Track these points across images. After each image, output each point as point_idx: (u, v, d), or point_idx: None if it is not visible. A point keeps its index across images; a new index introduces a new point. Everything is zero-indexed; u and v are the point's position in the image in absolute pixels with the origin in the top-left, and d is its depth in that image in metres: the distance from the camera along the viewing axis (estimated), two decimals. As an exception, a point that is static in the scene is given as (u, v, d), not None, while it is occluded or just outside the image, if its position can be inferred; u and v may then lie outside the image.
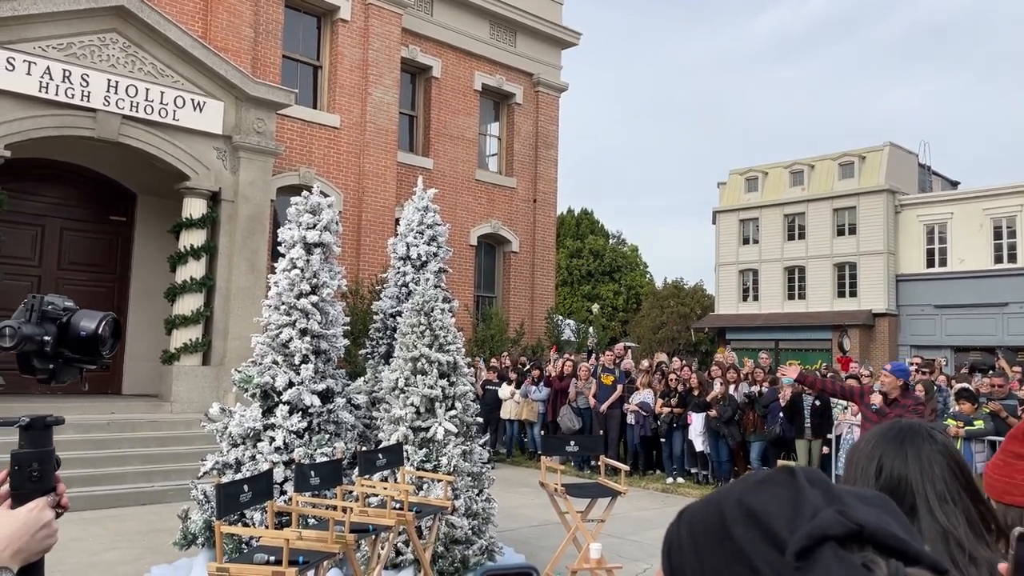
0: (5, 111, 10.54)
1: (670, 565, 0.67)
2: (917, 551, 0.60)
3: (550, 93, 20.99)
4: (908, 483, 1.23)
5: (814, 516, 0.60)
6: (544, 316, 20.12)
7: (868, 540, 0.59)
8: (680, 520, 0.69)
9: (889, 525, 0.61)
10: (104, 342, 1.37)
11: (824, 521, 0.60)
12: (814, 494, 0.63)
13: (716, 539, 0.63)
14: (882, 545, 0.60)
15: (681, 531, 0.67)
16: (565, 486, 6.78)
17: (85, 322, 1.37)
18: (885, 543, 0.60)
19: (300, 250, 6.96)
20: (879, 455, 1.27)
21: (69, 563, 6.79)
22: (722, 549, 0.63)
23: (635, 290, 43.66)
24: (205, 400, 11.41)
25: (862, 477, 1.25)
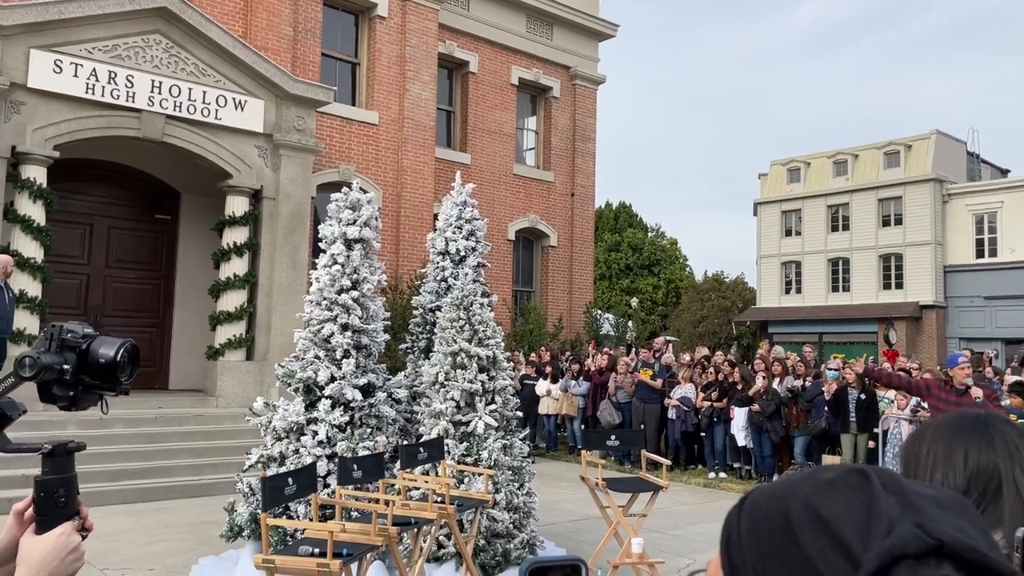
0: (53, 113, 10.80)
1: (729, 559, 0.65)
2: (997, 564, 0.57)
3: (587, 86, 20.88)
4: (996, 468, 1.20)
5: (889, 527, 0.57)
6: (583, 310, 20.05)
7: (947, 556, 0.56)
8: (741, 511, 0.66)
9: (969, 536, 0.57)
10: (123, 369, 1.40)
11: (901, 539, 0.56)
12: (889, 501, 0.59)
13: (780, 542, 0.61)
14: (961, 560, 0.57)
15: (742, 524, 0.65)
16: (606, 480, 6.75)
17: (104, 349, 1.39)
18: (964, 557, 0.57)
19: (341, 246, 7.02)
20: (963, 444, 1.23)
21: (121, 554, 6.95)
22: (787, 553, 0.60)
23: (674, 284, 43.31)
24: (249, 395, 11.59)
25: (944, 467, 1.21)
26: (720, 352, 15.27)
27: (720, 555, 0.67)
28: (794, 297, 36.61)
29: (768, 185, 38.50)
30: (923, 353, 29.19)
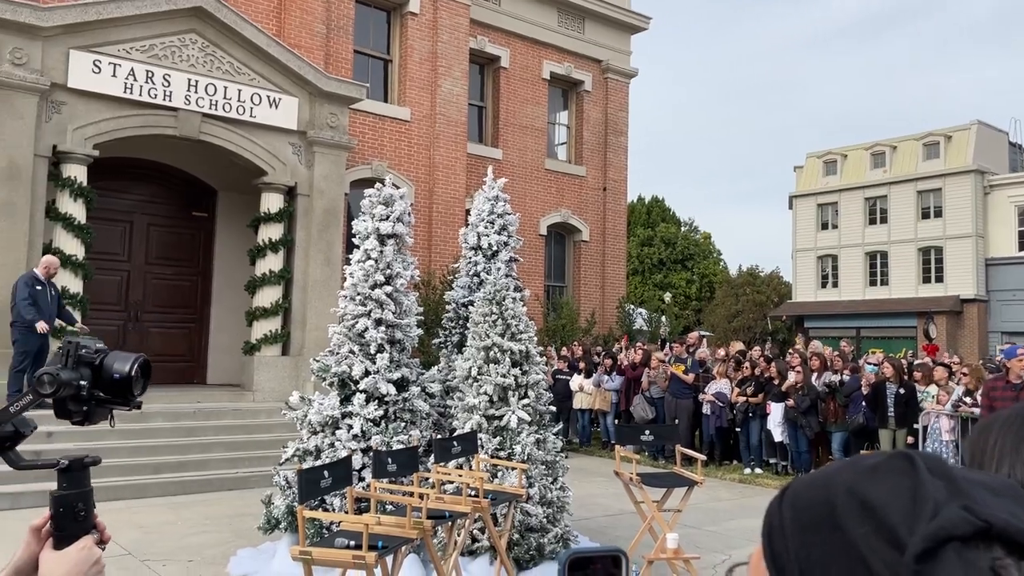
0: (92, 112, 10.99)
1: (771, 549, 0.63)
2: None
3: (619, 79, 20.75)
4: None
5: (935, 511, 0.55)
6: (615, 305, 19.96)
7: (997, 538, 0.54)
8: (783, 501, 0.65)
9: (1021, 520, 0.56)
10: (136, 383, 1.40)
11: (948, 521, 0.54)
12: (935, 485, 0.57)
13: (824, 529, 0.59)
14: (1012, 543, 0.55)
15: (784, 514, 0.63)
16: (640, 475, 6.72)
17: (118, 364, 1.39)
18: (1015, 540, 0.55)
19: (374, 241, 7.06)
20: None
21: (161, 545, 7.07)
22: (831, 541, 0.58)
23: (708, 278, 42.95)
24: (285, 389, 11.72)
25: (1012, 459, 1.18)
26: (757, 347, 15.10)
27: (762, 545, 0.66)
28: (831, 291, 36.10)
29: (804, 178, 38.00)
30: (964, 348, 28.62)
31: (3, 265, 10.19)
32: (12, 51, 10.36)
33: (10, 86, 10.33)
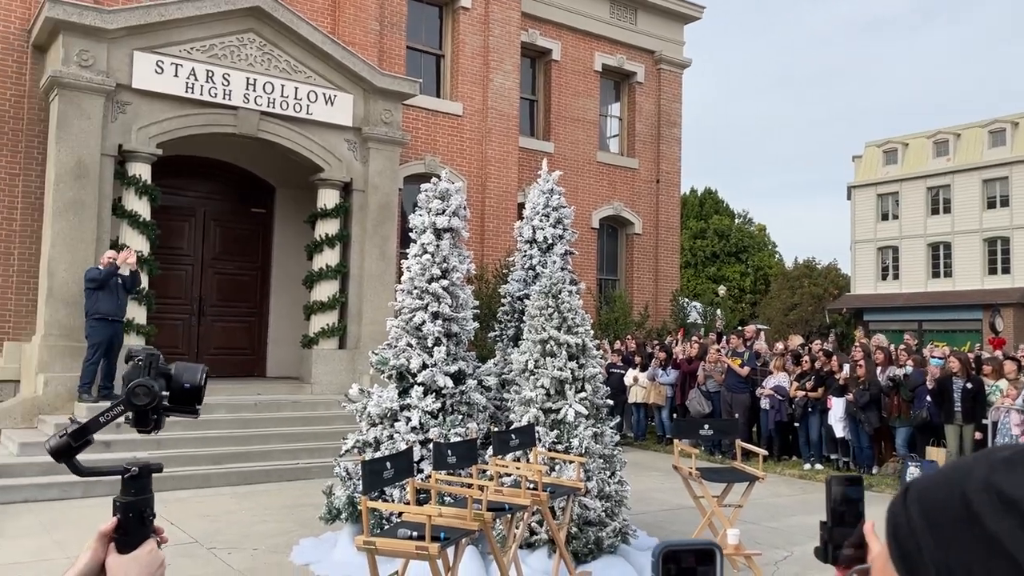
0: (156, 112, 11.28)
1: (900, 550, 0.61)
2: None
3: (672, 70, 20.50)
4: None
5: None
6: (669, 298, 19.77)
7: None
8: (907, 500, 0.63)
9: None
10: (203, 392, 1.45)
11: None
12: None
13: (961, 526, 0.57)
14: None
15: (911, 513, 0.61)
16: (699, 470, 6.65)
17: (188, 375, 1.45)
18: None
19: (430, 235, 7.11)
20: None
21: (227, 533, 7.24)
22: (970, 538, 0.56)
23: (763, 271, 42.25)
24: (342, 382, 11.90)
25: None
26: (816, 340, 14.79)
27: (888, 547, 0.64)
28: (891, 283, 35.21)
29: (863, 167, 37.09)
30: (1033, 341, 27.62)
31: (73, 262, 10.54)
32: (79, 53, 10.69)
33: (78, 87, 10.66)
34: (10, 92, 11.57)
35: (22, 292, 11.48)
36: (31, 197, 11.55)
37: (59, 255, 10.52)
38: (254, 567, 6.27)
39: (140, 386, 1.40)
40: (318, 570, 6.21)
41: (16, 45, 11.65)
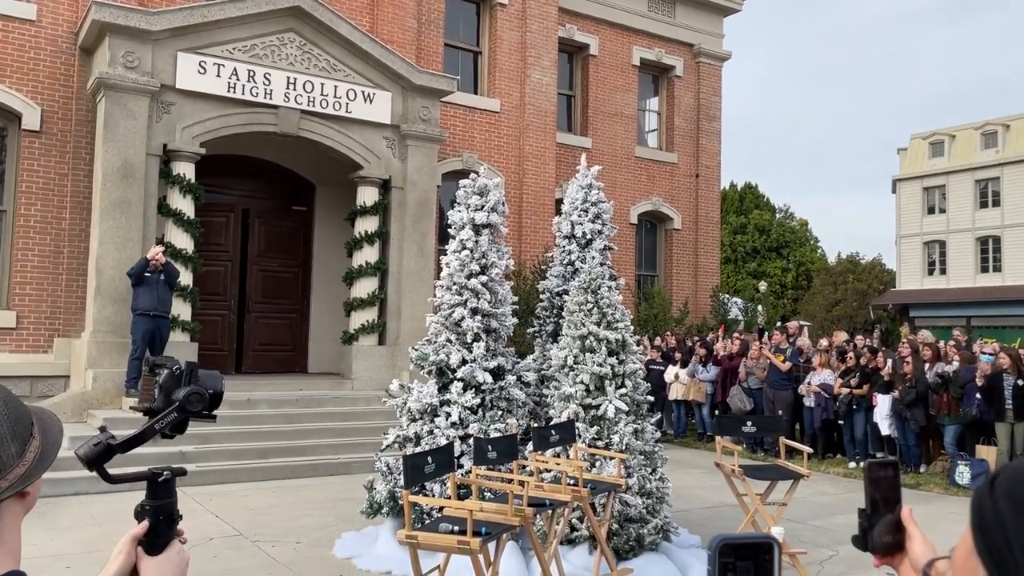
0: (199, 111, 11.46)
1: (987, 542, 0.58)
2: None
3: (712, 63, 20.27)
4: None
5: None
6: (709, 294, 19.57)
7: None
8: (993, 492, 0.59)
9: None
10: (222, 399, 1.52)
11: None
12: None
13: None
14: None
15: (999, 506, 0.58)
16: (742, 467, 6.56)
17: (212, 382, 1.50)
18: None
19: (469, 231, 7.11)
20: None
21: (271, 527, 7.34)
22: None
23: (805, 266, 41.61)
24: (382, 378, 11.98)
25: None
26: (860, 336, 14.52)
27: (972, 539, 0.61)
28: (938, 279, 34.44)
29: (908, 160, 36.32)
30: (1088, 338, 26.79)
31: (120, 260, 10.75)
32: (125, 55, 10.90)
33: (124, 88, 10.87)
34: (59, 94, 11.85)
35: (71, 290, 11.75)
36: (79, 196, 11.81)
37: (106, 253, 10.74)
38: (297, 560, 6.34)
39: (195, 393, 1.47)
40: (360, 564, 6.26)
41: (64, 48, 11.93)
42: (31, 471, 1.19)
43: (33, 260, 11.63)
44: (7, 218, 11.62)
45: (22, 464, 1.18)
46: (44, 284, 11.68)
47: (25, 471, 1.18)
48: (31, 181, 11.66)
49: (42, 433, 1.24)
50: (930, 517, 7.88)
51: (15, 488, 1.16)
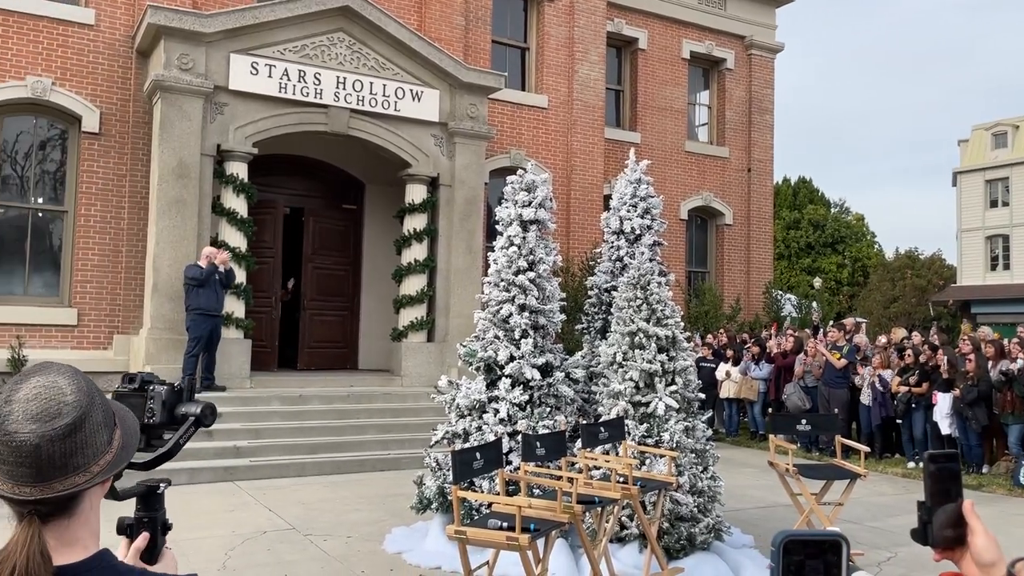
0: (251, 112, 11.65)
1: None
2: None
3: (764, 55, 19.90)
4: None
5: None
6: (762, 291, 19.23)
7: None
8: None
9: None
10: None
11: None
12: None
13: None
14: None
15: None
16: (797, 466, 6.42)
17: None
18: None
19: (517, 227, 7.08)
20: None
21: (321, 521, 7.43)
22: None
23: (861, 262, 40.63)
24: (431, 374, 12.04)
25: None
26: (917, 334, 14.11)
27: None
28: (1001, 274, 33.33)
29: (969, 152, 35.21)
30: None
31: (176, 258, 11.00)
32: (179, 57, 11.13)
33: (179, 90, 11.10)
34: (116, 96, 12.16)
35: (130, 288, 12.06)
36: (137, 196, 12.11)
37: (163, 252, 10.99)
38: (348, 554, 6.40)
39: (209, 407, 1.59)
40: (410, 559, 6.28)
41: (121, 52, 12.24)
42: (117, 459, 1.25)
43: (93, 259, 11.96)
44: (68, 218, 11.98)
45: (111, 451, 1.23)
46: (104, 282, 12.01)
47: (112, 458, 1.24)
48: (91, 182, 12.00)
49: (121, 423, 1.29)
50: (993, 518, 7.62)
51: (104, 475, 1.22)
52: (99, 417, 1.22)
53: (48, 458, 1.15)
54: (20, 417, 1.15)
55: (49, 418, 1.16)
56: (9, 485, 1.16)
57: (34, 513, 1.15)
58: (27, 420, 1.15)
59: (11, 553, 1.12)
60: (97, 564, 1.21)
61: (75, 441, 1.17)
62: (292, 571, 5.94)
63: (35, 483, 1.15)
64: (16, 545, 1.12)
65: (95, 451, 1.21)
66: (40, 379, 1.20)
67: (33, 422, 1.15)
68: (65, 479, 1.17)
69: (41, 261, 11.98)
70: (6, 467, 1.15)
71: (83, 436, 1.18)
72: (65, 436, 1.16)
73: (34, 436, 1.14)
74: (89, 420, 1.20)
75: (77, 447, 1.18)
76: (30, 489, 1.15)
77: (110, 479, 1.28)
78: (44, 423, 1.15)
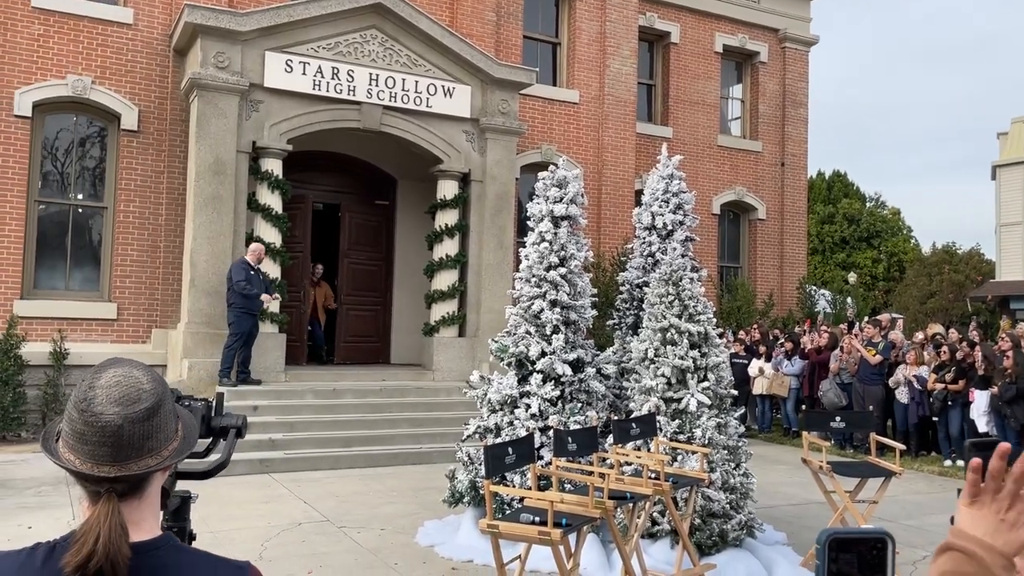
0: (286, 109, 11.78)
1: None
2: None
3: (798, 48, 19.65)
4: None
5: None
6: (795, 286, 19.03)
7: None
8: None
9: None
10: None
11: None
12: None
13: None
14: None
15: None
16: (831, 464, 6.37)
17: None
18: None
19: (548, 223, 7.10)
20: None
21: (355, 514, 7.52)
22: None
23: (897, 257, 39.97)
24: (462, 369, 12.11)
25: None
26: (954, 330, 13.87)
27: None
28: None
29: (1009, 145, 34.45)
30: None
31: (212, 254, 11.18)
32: (216, 55, 11.30)
33: (215, 88, 11.27)
34: (154, 94, 12.37)
35: (168, 283, 12.28)
36: (174, 193, 12.32)
37: (200, 247, 11.17)
38: (381, 546, 6.48)
39: (243, 418, 1.83)
40: (442, 552, 6.35)
41: (159, 50, 12.45)
42: (182, 447, 1.35)
43: (132, 255, 12.20)
44: (108, 215, 12.22)
45: (177, 439, 1.34)
46: (142, 277, 12.24)
47: (178, 446, 1.34)
48: (129, 179, 12.23)
49: (182, 416, 1.40)
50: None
51: (172, 459, 1.32)
52: (169, 406, 1.34)
53: (128, 439, 1.25)
54: (104, 400, 1.26)
55: (130, 402, 1.27)
56: (89, 464, 1.25)
57: (111, 491, 1.25)
58: (111, 403, 1.26)
59: (94, 525, 1.21)
60: (165, 543, 1.31)
61: (152, 424, 1.28)
62: (327, 562, 6.03)
63: (114, 462, 1.25)
64: (98, 517, 1.22)
65: (166, 436, 1.31)
66: (118, 370, 1.31)
67: (116, 405, 1.26)
68: (140, 460, 1.27)
69: (82, 256, 12.24)
70: (88, 447, 1.25)
71: (158, 421, 1.29)
72: (144, 419, 1.27)
73: (118, 417, 1.25)
74: (163, 407, 1.31)
75: (152, 430, 1.28)
76: (109, 468, 1.25)
77: (174, 466, 1.38)
78: (126, 406, 1.26)
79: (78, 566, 1.18)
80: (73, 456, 1.26)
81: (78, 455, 1.26)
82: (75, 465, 1.26)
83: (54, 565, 1.22)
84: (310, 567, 5.90)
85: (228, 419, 1.82)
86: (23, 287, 11.63)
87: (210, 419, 1.80)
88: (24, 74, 11.65)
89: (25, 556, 1.27)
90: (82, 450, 1.26)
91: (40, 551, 1.26)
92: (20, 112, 11.58)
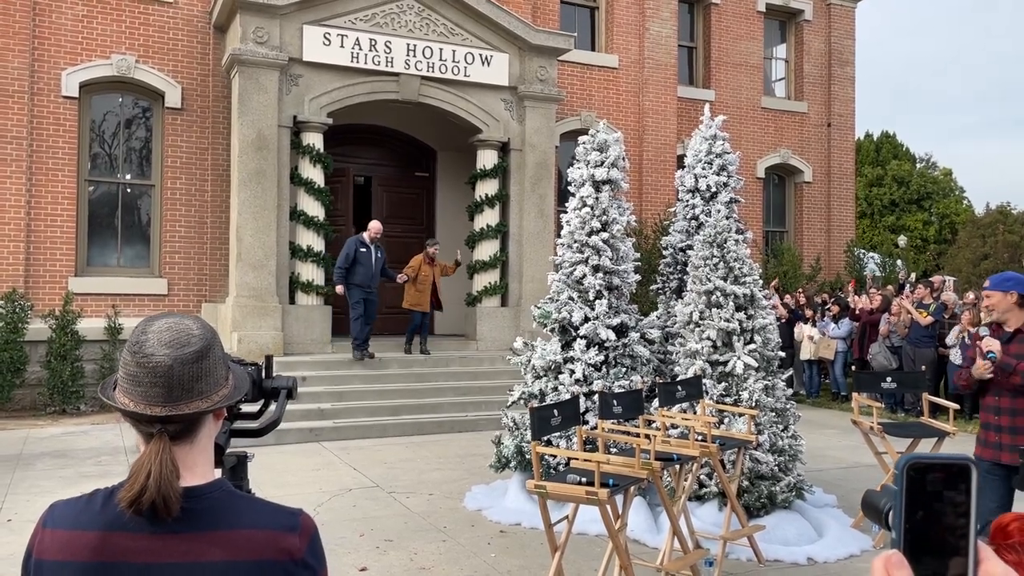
0: (325, 82, 11.83)
1: None
2: None
3: (844, 5, 19.08)
4: None
5: None
6: (843, 250, 18.65)
7: None
8: None
9: None
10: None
11: None
12: None
13: None
14: None
15: None
16: (882, 424, 6.26)
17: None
18: None
19: (589, 188, 7.04)
20: None
21: (403, 480, 7.64)
22: None
23: (949, 219, 38.91)
24: (505, 338, 12.15)
25: None
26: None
27: None
28: (1104, 228, 31.43)
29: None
30: None
31: (257, 228, 11.33)
32: (255, 31, 11.36)
33: (255, 63, 11.35)
34: (196, 72, 12.51)
35: (215, 257, 12.51)
36: (219, 169, 12.50)
37: (245, 222, 11.33)
38: (430, 511, 6.58)
39: (294, 380, 1.90)
40: (490, 515, 6.42)
41: (200, 28, 12.56)
42: (232, 393, 1.39)
43: (180, 231, 12.43)
44: (155, 192, 12.46)
45: (227, 386, 1.38)
46: (191, 253, 12.48)
47: (228, 392, 1.38)
48: (175, 156, 12.43)
49: (233, 367, 1.45)
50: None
51: (222, 403, 1.35)
52: (219, 353, 1.38)
53: (179, 379, 1.29)
54: (155, 343, 1.31)
55: (180, 345, 1.31)
56: (142, 405, 1.29)
57: (163, 432, 1.29)
58: (161, 345, 1.31)
59: (145, 462, 1.26)
60: (219, 488, 1.35)
61: (201, 367, 1.32)
62: (377, 526, 6.14)
63: (165, 403, 1.29)
64: (150, 454, 1.27)
65: (215, 380, 1.35)
66: (169, 319, 1.36)
67: (167, 347, 1.30)
68: (191, 402, 1.31)
69: (131, 234, 12.52)
70: (141, 388, 1.30)
71: (208, 364, 1.33)
72: (194, 361, 1.31)
73: (168, 358, 1.29)
74: (212, 352, 1.35)
75: (203, 373, 1.32)
76: (160, 408, 1.29)
77: (224, 411, 1.41)
78: (176, 348, 1.31)
79: (131, 500, 1.23)
80: (127, 399, 1.31)
81: (131, 397, 1.30)
82: (128, 407, 1.30)
83: (113, 505, 1.28)
84: (362, 530, 6.01)
85: (279, 381, 1.87)
86: (77, 265, 11.95)
87: (261, 381, 1.85)
88: (70, 55, 11.86)
89: (85, 501, 1.32)
90: (135, 392, 1.30)
91: (99, 495, 1.32)
92: (68, 93, 11.81)
